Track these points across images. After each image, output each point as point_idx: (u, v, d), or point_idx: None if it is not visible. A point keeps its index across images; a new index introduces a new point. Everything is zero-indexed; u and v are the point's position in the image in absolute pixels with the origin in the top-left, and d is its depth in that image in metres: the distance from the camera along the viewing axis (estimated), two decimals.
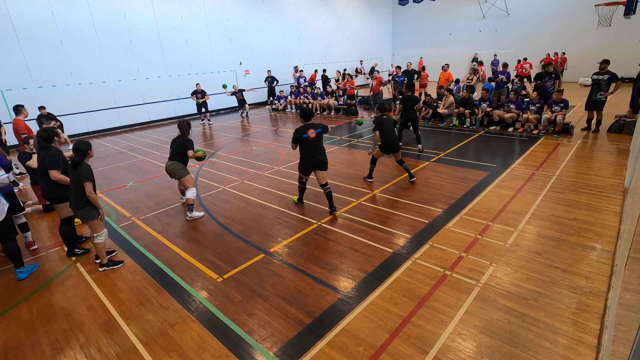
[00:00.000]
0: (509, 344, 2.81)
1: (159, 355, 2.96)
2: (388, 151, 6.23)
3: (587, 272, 3.63)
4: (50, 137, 4.34)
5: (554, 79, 9.73)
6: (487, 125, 10.22)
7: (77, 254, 4.68)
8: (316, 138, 5.18)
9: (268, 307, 3.44)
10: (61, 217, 4.48)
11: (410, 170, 6.43)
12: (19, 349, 3.15)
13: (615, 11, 14.10)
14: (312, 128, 5.16)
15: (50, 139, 4.34)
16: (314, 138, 5.15)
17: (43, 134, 4.32)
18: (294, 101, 15.93)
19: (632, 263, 2.44)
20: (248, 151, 9.48)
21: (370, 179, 6.65)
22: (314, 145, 5.19)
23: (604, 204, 5.08)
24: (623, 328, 2.05)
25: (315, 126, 5.21)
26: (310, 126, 5.19)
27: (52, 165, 4.21)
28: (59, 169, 4.26)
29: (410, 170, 6.43)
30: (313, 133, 5.13)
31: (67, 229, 4.53)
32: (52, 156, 4.25)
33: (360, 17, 24.45)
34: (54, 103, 11.81)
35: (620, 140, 8.10)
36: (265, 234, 4.91)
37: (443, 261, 3.97)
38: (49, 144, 4.33)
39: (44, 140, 4.32)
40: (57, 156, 4.29)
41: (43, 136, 4.31)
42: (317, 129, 5.20)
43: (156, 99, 14.65)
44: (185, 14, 14.91)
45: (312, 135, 5.13)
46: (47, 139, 4.33)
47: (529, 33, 20.88)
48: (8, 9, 10.66)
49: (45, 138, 4.32)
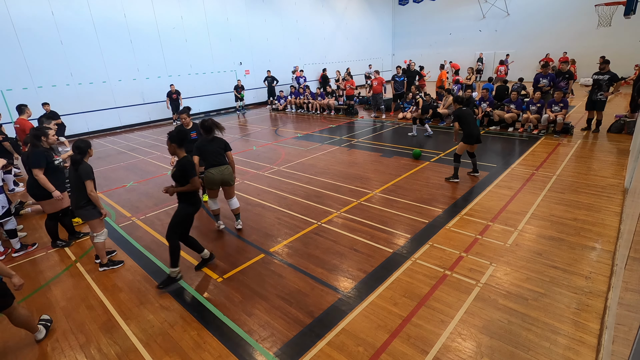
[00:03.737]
0: (509, 344, 2.81)
1: (159, 355, 2.96)
2: (472, 142, 6.04)
3: (587, 272, 3.63)
4: (37, 136, 4.50)
5: (567, 79, 9.68)
6: (487, 125, 10.22)
7: (59, 246, 4.91)
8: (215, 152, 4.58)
9: (268, 307, 3.44)
10: (47, 212, 4.69)
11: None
12: (18, 349, 3.15)
13: (615, 11, 14.10)
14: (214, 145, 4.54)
15: (38, 138, 4.49)
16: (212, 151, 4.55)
17: (33, 132, 4.54)
18: (294, 101, 15.93)
19: (632, 263, 2.44)
20: (248, 151, 9.48)
21: (456, 179, 6.24)
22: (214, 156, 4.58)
23: (604, 204, 5.08)
24: (623, 328, 2.05)
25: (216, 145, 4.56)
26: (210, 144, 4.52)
27: (34, 164, 4.37)
28: (41, 168, 4.39)
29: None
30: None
31: (52, 224, 4.80)
32: (36, 155, 4.39)
33: (360, 17, 24.46)
34: (54, 103, 11.75)
35: (620, 140, 8.10)
36: (265, 234, 4.91)
37: (443, 261, 3.97)
38: (36, 142, 4.47)
39: (33, 138, 4.49)
40: (41, 155, 4.41)
41: (32, 134, 4.52)
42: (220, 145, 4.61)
43: (156, 99, 14.65)
44: (185, 14, 14.91)
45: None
46: (35, 137, 4.49)
47: (529, 33, 20.88)
48: (8, 9, 10.66)
49: (33, 136, 4.50)
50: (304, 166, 7.80)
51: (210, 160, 4.50)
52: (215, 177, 4.49)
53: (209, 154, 4.49)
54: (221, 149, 4.55)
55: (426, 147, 8.72)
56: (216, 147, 4.51)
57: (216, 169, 4.49)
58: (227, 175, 4.54)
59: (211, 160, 4.50)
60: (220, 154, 4.53)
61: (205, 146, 4.49)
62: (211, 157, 4.50)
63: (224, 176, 4.52)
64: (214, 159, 4.50)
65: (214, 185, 4.56)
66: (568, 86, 9.70)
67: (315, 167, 7.63)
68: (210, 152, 4.49)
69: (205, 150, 4.49)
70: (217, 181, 4.51)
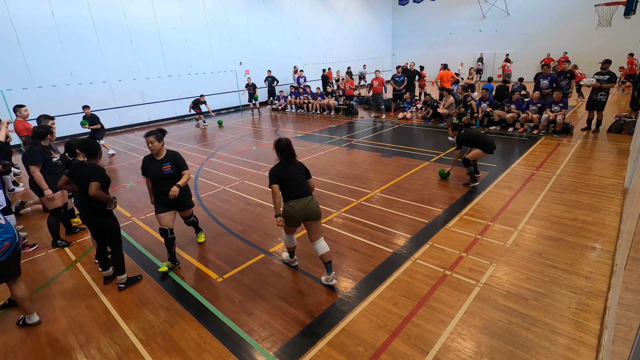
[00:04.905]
0: (509, 344, 2.81)
1: (159, 355, 2.96)
2: (492, 149, 5.98)
3: (587, 272, 3.63)
4: (41, 134, 4.56)
5: (569, 78, 9.69)
6: (487, 125, 10.23)
7: (59, 245, 4.91)
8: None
9: (268, 307, 3.44)
10: (49, 208, 4.72)
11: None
12: (18, 349, 3.15)
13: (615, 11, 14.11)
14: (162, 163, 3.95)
15: (41, 136, 4.56)
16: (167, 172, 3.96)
17: (36, 130, 4.60)
18: (294, 101, 15.93)
19: (632, 263, 2.44)
20: (248, 151, 9.48)
21: (475, 183, 6.05)
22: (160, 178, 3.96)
23: (604, 204, 5.08)
24: (623, 328, 2.05)
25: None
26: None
27: (32, 161, 4.42)
28: (38, 166, 4.45)
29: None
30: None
31: (54, 220, 4.80)
32: (33, 152, 4.44)
33: (360, 17, 24.47)
34: (54, 103, 11.83)
35: (620, 140, 8.10)
36: (265, 234, 4.91)
37: (443, 261, 3.97)
38: (37, 140, 4.53)
39: (35, 135, 4.55)
40: (39, 153, 4.46)
41: (36, 132, 4.57)
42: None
43: (156, 99, 14.66)
44: (185, 14, 14.91)
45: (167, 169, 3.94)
46: (38, 135, 4.55)
47: (529, 33, 20.90)
48: (8, 9, 10.66)
49: (36, 134, 4.55)
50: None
51: (293, 190, 3.55)
52: (297, 212, 3.52)
53: (292, 182, 3.56)
54: (303, 174, 3.65)
55: (426, 146, 8.72)
56: (298, 172, 3.63)
57: (298, 202, 3.52)
58: (312, 208, 3.55)
59: (295, 190, 3.55)
60: (304, 181, 3.63)
61: (287, 172, 3.58)
62: (294, 186, 3.56)
63: (308, 210, 3.53)
64: (298, 189, 3.56)
65: (296, 223, 3.63)
66: (569, 86, 9.70)
67: (315, 167, 7.63)
68: (294, 180, 3.57)
69: (289, 177, 3.57)
70: (300, 217, 3.56)
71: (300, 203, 3.52)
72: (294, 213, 3.52)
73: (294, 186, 3.55)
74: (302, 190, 3.57)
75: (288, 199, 3.56)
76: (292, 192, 3.55)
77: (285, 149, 3.61)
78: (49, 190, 4.54)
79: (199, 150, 9.90)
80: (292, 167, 3.62)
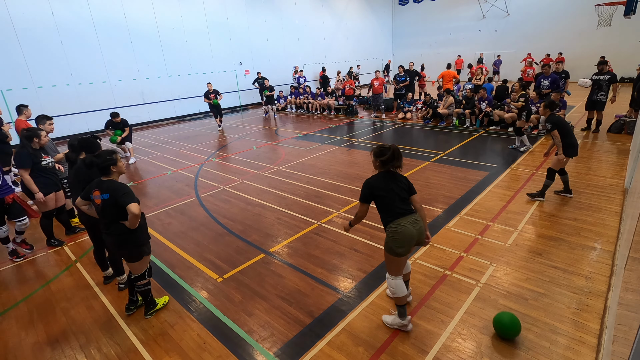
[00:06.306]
0: (509, 344, 2.81)
1: (159, 355, 2.96)
2: (574, 153, 5.17)
3: (587, 272, 3.63)
4: (28, 137, 4.55)
5: (564, 78, 9.71)
6: (487, 125, 10.23)
7: (53, 244, 4.97)
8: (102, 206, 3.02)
9: (268, 307, 3.44)
10: (41, 210, 4.73)
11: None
12: (19, 349, 3.15)
13: (615, 11, 14.10)
14: (98, 190, 3.02)
15: (28, 139, 4.54)
16: (100, 205, 3.03)
17: (24, 133, 4.59)
18: (294, 101, 15.93)
19: (632, 263, 2.45)
20: (248, 151, 9.49)
21: (542, 198, 5.31)
22: (101, 215, 3.10)
23: (604, 204, 5.08)
24: (623, 328, 2.05)
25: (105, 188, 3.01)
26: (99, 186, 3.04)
27: (19, 164, 4.43)
28: (26, 169, 4.43)
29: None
30: (98, 198, 3.02)
31: (46, 222, 4.83)
32: (22, 155, 4.44)
33: (360, 17, 24.47)
34: (54, 103, 11.82)
35: (620, 140, 8.10)
36: (265, 234, 4.91)
37: (443, 261, 3.97)
38: (26, 142, 4.53)
39: (24, 139, 4.55)
40: (27, 156, 4.44)
41: (24, 135, 4.58)
42: (105, 194, 2.98)
43: (156, 99, 14.66)
44: (185, 14, 14.91)
45: (97, 200, 3.03)
46: (26, 138, 4.55)
47: (529, 33, 20.89)
48: (8, 9, 10.66)
49: (24, 137, 4.56)
50: (304, 166, 7.80)
51: (397, 207, 2.83)
52: (412, 230, 2.77)
53: (395, 198, 2.84)
54: (405, 190, 2.90)
55: (426, 146, 8.72)
56: (401, 187, 2.89)
57: (407, 219, 2.80)
58: (421, 229, 2.85)
59: (399, 207, 2.83)
60: (406, 197, 2.89)
61: (388, 184, 2.85)
62: (398, 203, 2.84)
63: (420, 229, 2.84)
64: (402, 206, 2.84)
65: (410, 245, 2.83)
66: (566, 85, 9.73)
67: (315, 167, 7.63)
68: (397, 195, 2.84)
69: (391, 190, 2.84)
70: (415, 237, 2.81)
71: (409, 220, 2.80)
72: (410, 232, 2.76)
73: (399, 203, 2.83)
74: (408, 208, 2.87)
75: (394, 218, 2.82)
76: (396, 210, 2.82)
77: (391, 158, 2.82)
78: (40, 194, 4.49)
79: (199, 150, 9.90)
80: (394, 179, 2.89)
